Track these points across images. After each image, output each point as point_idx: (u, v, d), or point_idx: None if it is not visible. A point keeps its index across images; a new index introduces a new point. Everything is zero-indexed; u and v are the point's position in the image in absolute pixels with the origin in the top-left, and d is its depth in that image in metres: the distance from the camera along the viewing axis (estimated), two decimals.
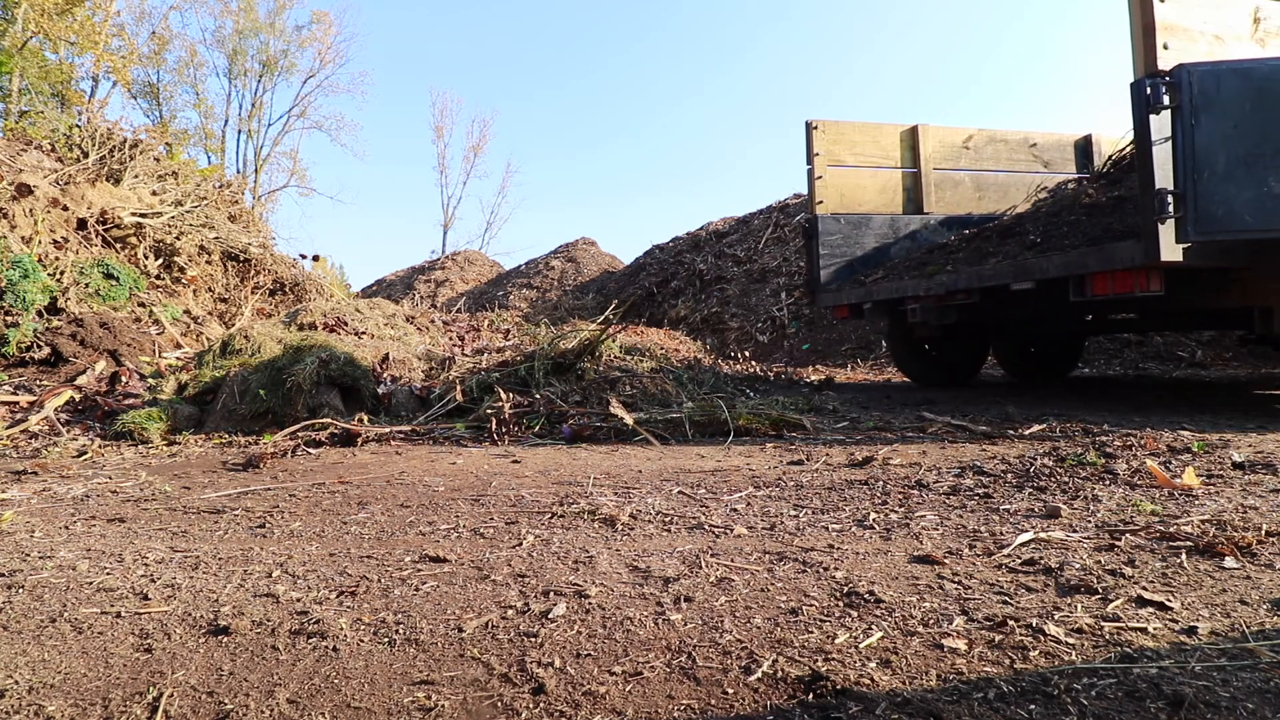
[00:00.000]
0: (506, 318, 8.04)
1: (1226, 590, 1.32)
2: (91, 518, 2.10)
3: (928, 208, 5.61)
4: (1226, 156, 2.98)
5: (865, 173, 5.53)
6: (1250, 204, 2.98)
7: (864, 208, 5.51)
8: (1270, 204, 2.98)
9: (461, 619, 1.28)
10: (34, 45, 16.08)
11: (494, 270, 18.57)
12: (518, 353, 4.87)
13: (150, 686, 1.06)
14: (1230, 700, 0.94)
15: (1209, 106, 2.99)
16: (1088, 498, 2.01)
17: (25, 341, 5.25)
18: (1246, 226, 2.99)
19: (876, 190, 5.57)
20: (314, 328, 5.66)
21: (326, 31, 29.74)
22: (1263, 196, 2.98)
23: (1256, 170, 2.98)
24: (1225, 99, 2.99)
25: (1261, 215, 2.99)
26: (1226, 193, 2.99)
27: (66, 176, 6.82)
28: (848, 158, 5.49)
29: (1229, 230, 3.01)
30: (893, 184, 5.62)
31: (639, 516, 1.97)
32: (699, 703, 0.99)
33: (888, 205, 5.58)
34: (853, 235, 5.43)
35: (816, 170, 5.36)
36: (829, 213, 5.39)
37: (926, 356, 5.96)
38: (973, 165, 5.78)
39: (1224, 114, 2.99)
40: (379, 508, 2.15)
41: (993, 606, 1.27)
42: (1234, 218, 2.99)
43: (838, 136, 5.44)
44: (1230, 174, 2.98)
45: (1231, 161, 2.98)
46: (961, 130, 5.79)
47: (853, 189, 5.50)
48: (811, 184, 5.39)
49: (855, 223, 5.45)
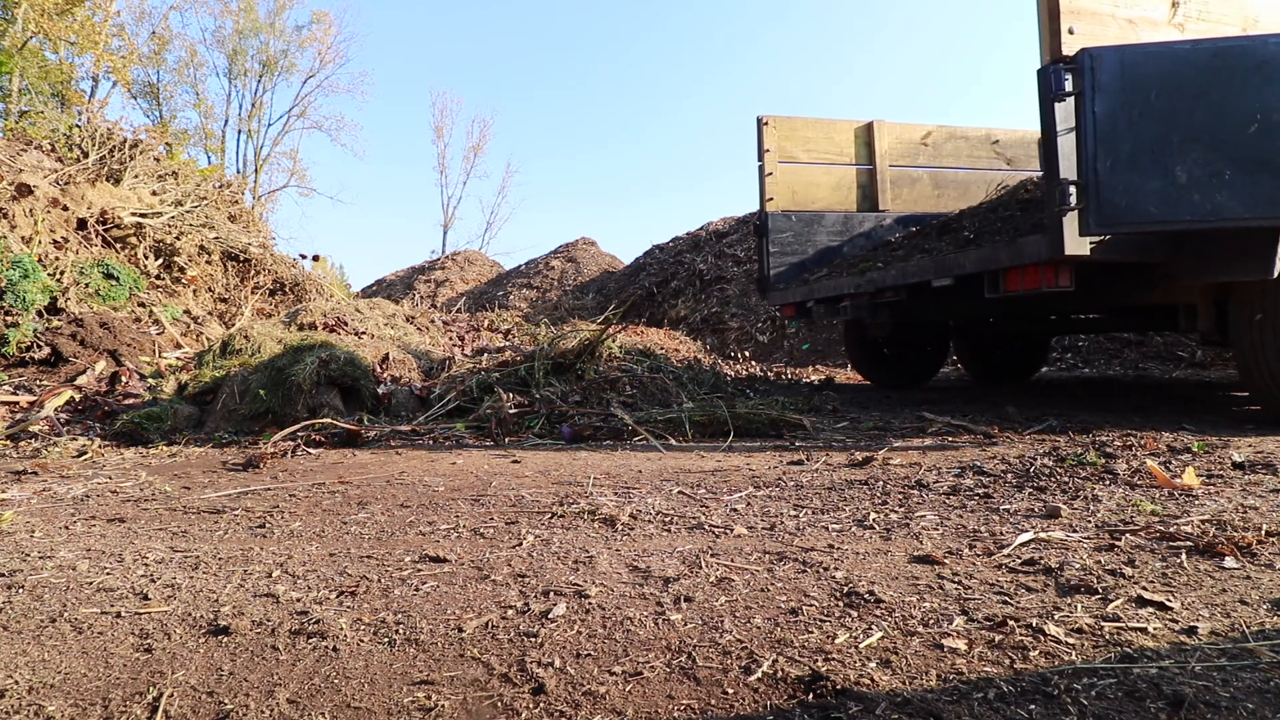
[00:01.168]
0: (506, 318, 8.04)
1: (1226, 590, 1.32)
2: (91, 518, 2.10)
3: (883, 205, 5.52)
4: (1131, 145, 2.81)
5: (819, 169, 5.45)
6: (1155, 194, 2.80)
7: (817, 205, 5.43)
8: (1176, 194, 2.79)
9: (461, 619, 1.28)
10: (34, 45, 16.09)
11: (494, 270, 18.58)
12: (518, 353, 4.87)
13: (150, 686, 1.06)
14: (1230, 700, 0.94)
15: (1112, 92, 2.82)
16: (1088, 498, 2.01)
17: (25, 341, 5.25)
18: (1151, 218, 2.82)
19: (830, 187, 5.48)
20: (314, 328, 5.66)
21: (326, 31, 29.78)
22: (1168, 186, 2.79)
23: (1162, 159, 2.80)
24: (1129, 84, 2.82)
25: (1167, 206, 2.80)
26: (1130, 183, 2.81)
27: (66, 176, 6.82)
28: (800, 154, 5.41)
29: (1133, 222, 2.86)
30: (847, 181, 5.53)
31: (639, 516, 1.97)
32: (699, 703, 0.99)
33: (842, 203, 5.50)
34: (804, 233, 5.36)
35: (767, 167, 5.27)
36: (779, 210, 5.31)
37: (881, 356, 5.89)
38: (931, 162, 5.69)
39: (1128, 100, 2.82)
40: (379, 508, 2.15)
41: (993, 606, 1.27)
42: (1138, 209, 2.81)
43: (790, 132, 5.36)
44: (1134, 163, 2.81)
45: (1136, 150, 2.81)
46: (920, 127, 5.71)
47: (805, 186, 5.42)
48: (762, 180, 5.30)
49: (807, 220, 5.37)
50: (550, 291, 15.22)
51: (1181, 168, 2.79)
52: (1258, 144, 2.74)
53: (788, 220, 5.33)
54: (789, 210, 5.34)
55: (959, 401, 4.68)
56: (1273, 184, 2.74)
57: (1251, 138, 2.75)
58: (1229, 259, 3.05)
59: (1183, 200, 2.79)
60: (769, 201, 5.30)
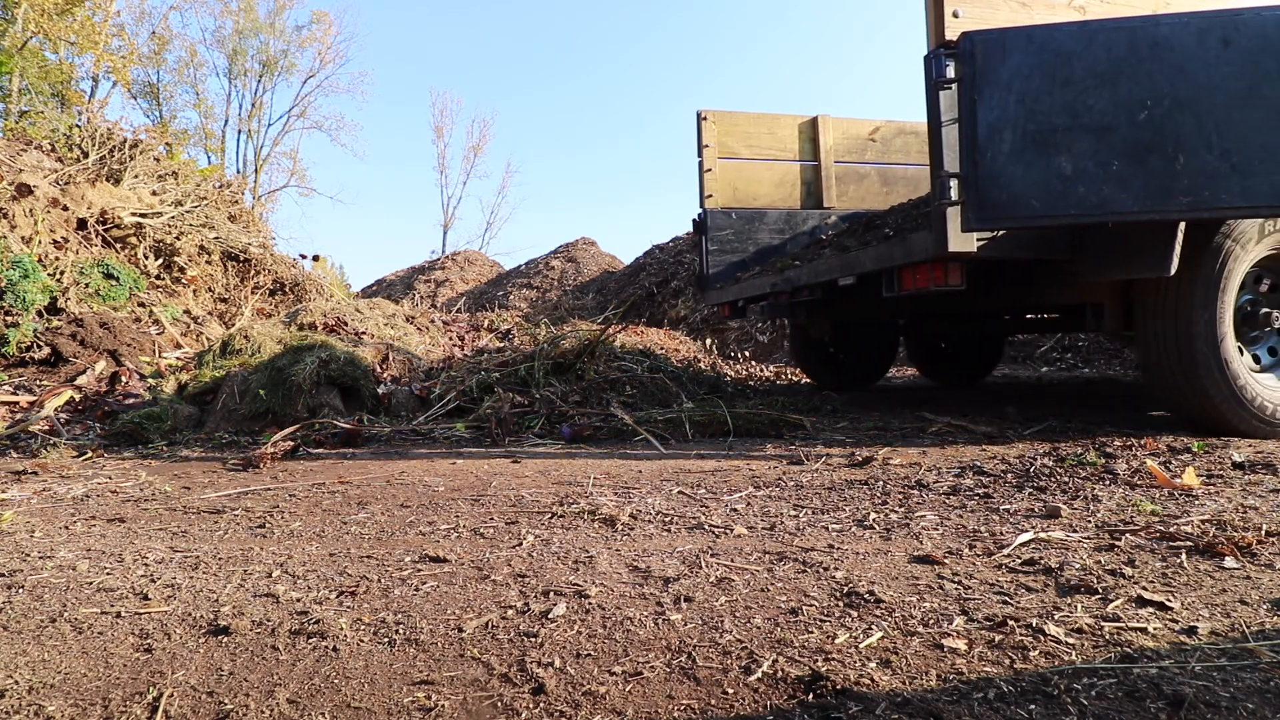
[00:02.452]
0: (506, 318, 8.03)
1: (1226, 590, 1.32)
2: (91, 518, 2.10)
3: (829, 202, 5.41)
4: (1014, 135, 2.63)
5: (761, 165, 5.33)
6: (1038, 187, 2.62)
7: (759, 202, 5.30)
8: (1061, 187, 2.61)
9: (461, 619, 1.28)
10: (34, 45, 16.08)
11: (494, 270, 18.58)
12: (518, 353, 4.87)
13: (150, 686, 1.06)
14: (1230, 700, 0.94)
15: (994, 78, 2.64)
16: (1088, 498, 2.01)
17: (25, 341, 5.25)
18: (1034, 213, 2.64)
19: (773, 184, 5.36)
20: (314, 328, 5.66)
21: (326, 31, 29.79)
22: (1053, 179, 2.61)
23: (1046, 150, 2.62)
24: (1012, 70, 2.63)
25: (1051, 200, 2.62)
26: (1013, 175, 2.63)
27: (66, 176, 6.82)
28: (742, 150, 5.29)
29: (1014, 218, 2.68)
30: (791, 178, 5.40)
31: (639, 516, 1.97)
32: (699, 703, 0.99)
33: (785, 200, 5.38)
34: (745, 231, 5.23)
35: (706, 162, 5.16)
36: (719, 207, 5.19)
37: (826, 356, 5.77)
38: (879, 158, 5.58)
39: (1010, 87, 2.63)
40: (379, 508, 2.15)
41: (993, 606, 1.27)
42: (1020, 204, 2.63)
43: (730, 128, 5.25)
44: (1017, 154, 2.63)
45: (1019, 140, 2.63)
46: (867, 122, 5.61)
47: (747, 182, 5.30)
48: (701, 177, 5.20)
49: (748, 218, 5.24)
50: (550, 291, 15.22)
51: (1067, 159, 2.61)
52: (1149, 133, 2.58)
53: (728, 218, 5.21)
54: (729, 207, 5.22)
55: (958, 401, 4.68)
56: (1164, 176, 2.58)
57: (1142, 126, 2.58)
58: (1128, 256, 2.96)
59: (1068, 194, 2.62)
60: (708, 198, 5.17)
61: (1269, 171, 2.55)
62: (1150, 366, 3.10)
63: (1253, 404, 2.89)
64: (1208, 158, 2.56)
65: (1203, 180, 2.56)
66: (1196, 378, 2.88)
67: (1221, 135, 2.55)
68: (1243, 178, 2.55)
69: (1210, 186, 2.56)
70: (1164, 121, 2.57)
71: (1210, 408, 2.91)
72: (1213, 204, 2.57)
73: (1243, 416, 2.89)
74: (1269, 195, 2.56)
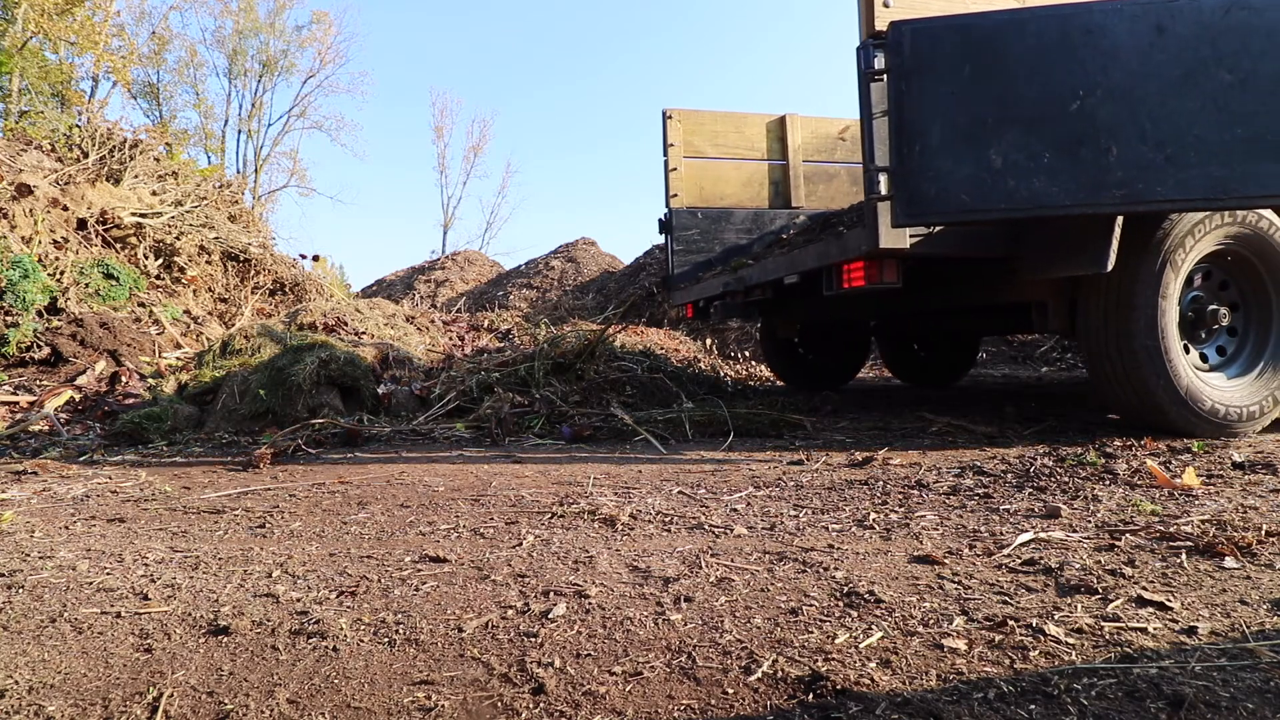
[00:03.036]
0: (506, 318, 8.03)
1: (1226, 590, 1.32)
2: (91, 518, 2.10)
3: (797, 202, 5.35)
4: (942, 127, 2.54)
5: (728, 165, 5.29)
6: (968, 182, 2.52)
7: (726, 201, 5.25)
8: (991, 181, 2.51)
9: (461, 619, 1.28)
10: (34, 45, 16.08)
11: (494, 270, 18.58)
12: (518, 353, 4.87)
13: (150, 686, 1.06)
14: (1230, 700, 0.94)
15: (923, 69, 2.55)
16: (1088, 498, 2.01)
17: (25, 341, 5.25)
18: (964, 208, 2.55)
19: (740, 183, 5.31)
20: (314, 328, 5.66)
21: (326, 31, 29.79)
22: (982, 173, 2.51)
23: (976, 142, 2.52)
24: (942, 60, 2.54)
25: (981, 194, 2.52)
26: (941, 169, 2.53)
27: (66, 176, 6.82)
28: (708, 149, 5.25)
29: (943, 212, 2.60)
30: (759, 177, 5.35)
31: (639, 516, 1.97)
32: (699, 703, 0.99)
33: (753, 199, 5.33)
34: (711, 230, 5.18)
35: (671, 162, 5.11)
36: (684, 206, 5.14)
37: (795, 356, 5.72)
38: (849, 157, 5.52)
39: (940, 78, 2.54)
40: (379, 508, 2.15)
41: (993, 606, 1.27)
42: (949, 199, 2.53)
43: (696, 127, 5.20)
44: (946, 147, 2.53)
45: (948, 133, 2.54)
46: (837, 121, 5.57)
47: (714, 182, 5.25)
48: (666, 176, 5.16)
49: (715, 217, 5.19)
50: (550, 291, 15.22)
51: (996, 151, 2.52)
52: (1080, 124, 2.49)
53: (693, 217, 5.15)
54: (695, 207, 5.17)
55: (958, 401, 4.68)
56: (1096, 168, 2.49)
57: (1073, 117, 2.49)
58: (1065, 252, 2.88)
59: (997, 188, 2.52)
60: (674, 198, 5.13)
61: (1204, 164, 2.47)
62: (1094, 367, 3.02)
63: (1197, 404, 2.81)
64: (1141, 149, 2.48)
65: (1136, 173, 2.48)
66: (1139, 378, 2.81)
67: (1156, 126, 2.47)
68: (1178, 170, 2.47)
69: (1144, 179, 2.48)
70: (1096, 112, 2.48)
71: (1154, 408, 2.83)
72: (1147, 197, 2.49)
73: (1187, 417, 2.81)
74: (1205, 188, 2.49)
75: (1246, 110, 2.46)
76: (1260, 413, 2.90)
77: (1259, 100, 2.46)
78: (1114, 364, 2.88)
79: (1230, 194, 2.49)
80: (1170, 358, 2.78)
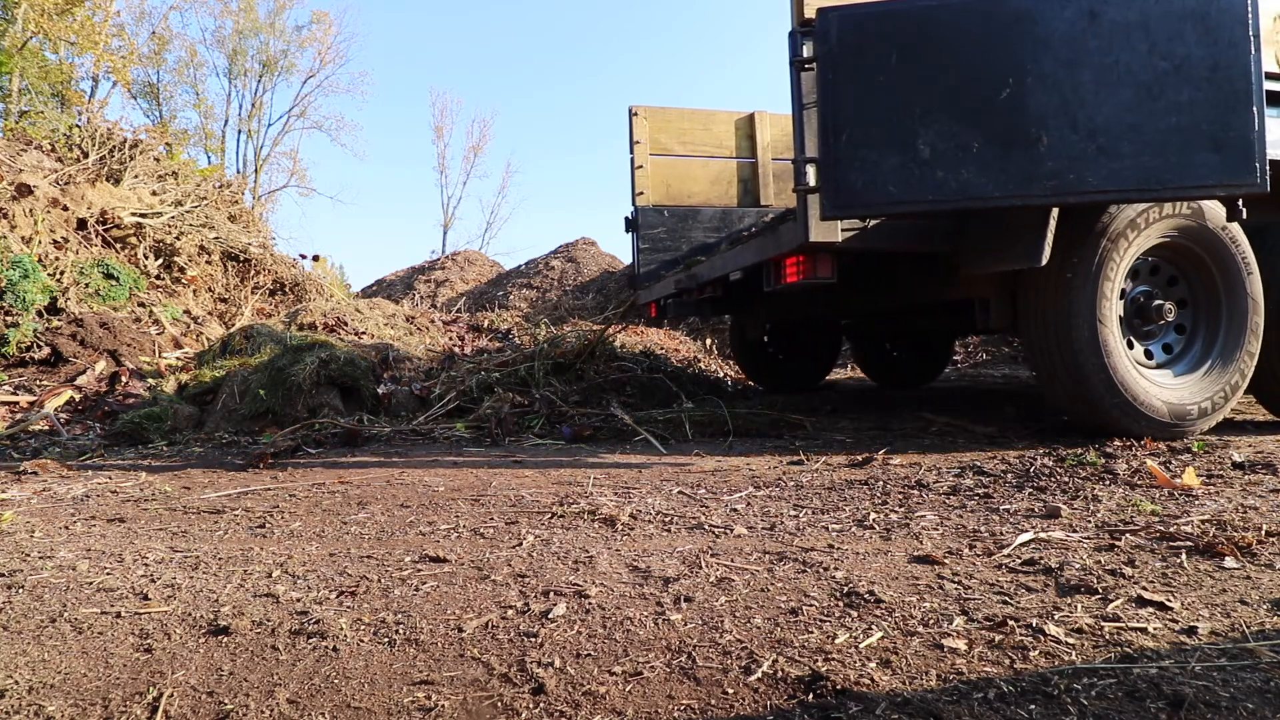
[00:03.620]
0: (506, 318, 8.03)
1: (1226, 590, 1.32)
2: (91, 518, 2.10)
3: (766, 200, 5.28)
4: (870, 116, 2.46)
5: (696, 163, 5.21)
6: (895, 173, 2.45)
7: (694, 199, 5.17)
8: (919, 172, 2.43)
9: (461, 619, 1.28)
10: (34, 45, 16.08)
11: (494, 270, 18.56)
12: (518, 353, 4.87)
13: (150, 686, 1.06)
14: (1230, 700, 0.94)
15: (850, 57, 2.47)
16: (1088, 498, 2.01)
17: (25, 341, 5.25)
18: (891, 200, 2.47)
19: (708, 181, 5.23)
20: (314, 328, 5.66)
21: (326, 31, 29.76)
22: (909, 163, 2.44)
23: (903, 131, 2.44)
24: (868, 48, 2.47)
25: (908, 186, 2.44)
26: (868, 160, 2.46)
27: (66, 176, 6.82)
28: (676, 146, 5.17)
29: (870, 205, 2.52)
30: (727, 174, 5.27)
31: (639, 516, 1.97)
32: (699, 703, 0.99)
33: (721, 197, 5.26)
34: (679, 229, 5.09)
35: (637, 159, 5.03)
36: (651, 204, 5.05)
37: (765, 356, 5.64)
38: None
39: (866, 65, 2.47)
40: (379, 508, 2.15)
41: (993, 606, 1.27)
42: (876, 190, 2.46)
43: (664, 124, 5.12)
44: (873, 137, 2.46)
45: (875, 122, 2.46)
46: None
47: (681, 179, 5.17)
48: (633, 173, 5.08)
49: (682, 215, 5.10)
50: (550, 291, 15.21)
51: (924, 141, 2.43)
52: (1011, 111, 2.41)
53: (660, 215, 5.05)
54: (662, 205, 5.09)
55: (958, 402, 4.68)
56: (1028, 157, 2.40)
57: (1004, 104, 2.41)
58: (1001, 246, 2.78)
59: (925, 179, 2.44)
60: (639, 196, 5.05)
61: (1137, 153, 2.38)
62: (1036, 365, 2.93)
63: (1140, 403, 2.73)
64: (1073, 139, 2.38)
65: (1068, 163, 2.39)
66: (1079, 376, 2.73)
67: (1088, 115, 2.38)
68: (1110, 160, 2.38)
69: (1076, 169, 2.39)
70: (1027, 100, 2.40)
71: (1095, 407, 2.77)
72: (1079, 188, 2.40)
73: (1131, 417, 2.74)
74: (1137, 179, 2.39)
75: (1182, 99, 2.38)
76: (1207, 411, 2.82)
77: (1194, 88, 2.38)
78: (1054, 362, 2.80)
79: (1165, 185, 2.41)
80: (1110, 354, 2.70)
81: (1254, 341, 2.90)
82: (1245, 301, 2.90)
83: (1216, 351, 2.90)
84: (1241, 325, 2.90)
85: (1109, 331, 2.72)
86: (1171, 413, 2.78)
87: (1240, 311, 2.90)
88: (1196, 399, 2.82)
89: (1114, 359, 2.71)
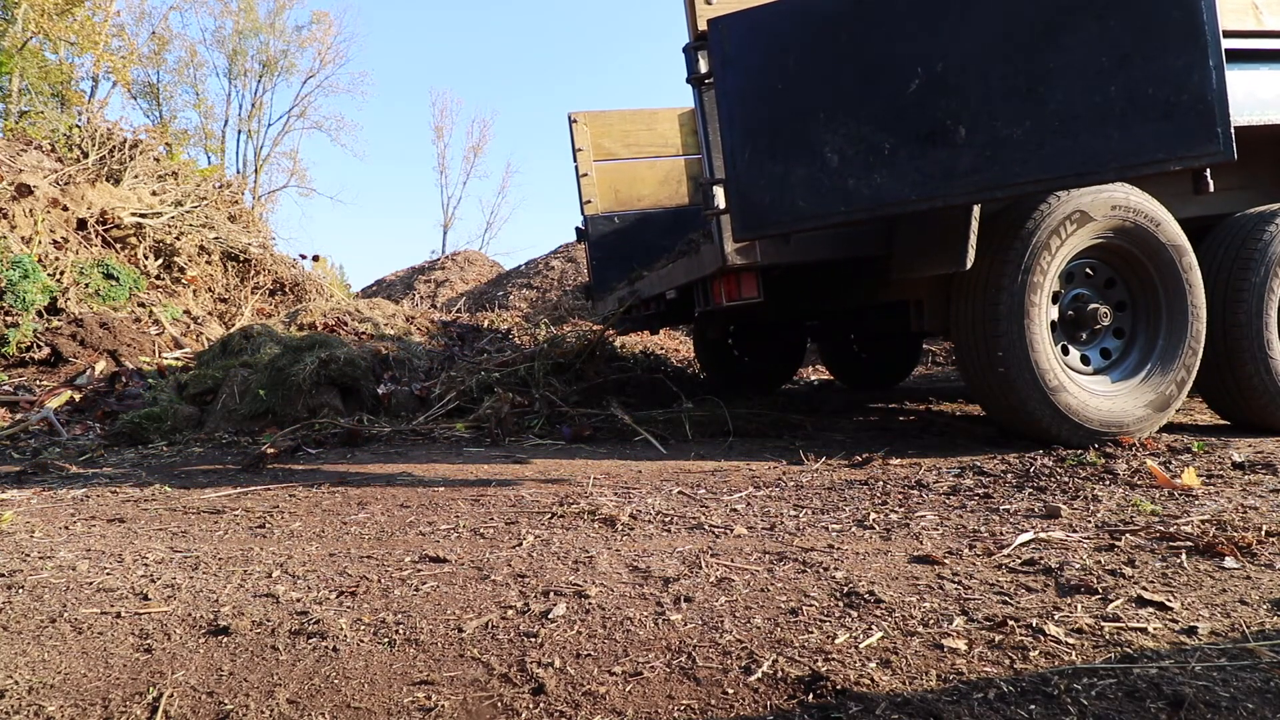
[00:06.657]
0: (506, 318, 8.03)
1: (1226, 590, 1.32)
2: (91, 518, 2.10)
3: None
4: (771, 127, 2.29)
5: (643, 165, 5.03)
6: (803, 185, 2.27)
7: (644, 203, 4.99)
8: (828, 182, 2.25)
9: (461, 619, 1.28)
10: (34, 45, 16.07)
11: (494, 270, 18.56)
12: (518, 353, 4.87)
13: (150, 686, 1.06)
14: (1230, 700, 0.94)
15: (745, 65, 2.29)
16: (1088, 498, 2.01)
17: (25, 341, 5.25)
18: (800, 214, 2.30)
19: (657, 182, 5.04)
20: (314, 328, 5.66)
21: (326, 31, 29.73)
22: (817, 173, 2.26)
23: (808, 139, 2.27)
24: (762, 53, 2.28)
25: (819, 198, 2.27)
26: (773, 174, 2.29)
27: (66, 176, 6.82)
28: (620, 150, 5.00)
29: (780, 223, 2.34)
30: (676, 173, 5.10)
31: (639, 516, 1.97)
32: (699, 703, 0.99)
33: (672, 197, 5.06)
34: (631, 234, 4.90)
35: (581, 167, 4.88)
36: (600, 212, 4.90)
37: (729, 357, 5.46)
38: None
39: (763, 72, 2.29)
40: (379, 508, 2.15)
41: (993, 606, 1.27)
42: (786, 206, 2.29)
43: (605, 128, 4.95)
44: (777, 149, 2.29)
45: (777, 132, 2.29)
46: None
47: (629, 183, 4.93)
48: (578, 182, 4.92)
49: (632, 221, 4.93)
50: (550, 291, 15.21)
51: (831, 148, 2.24)
52: (922, 105, 2.19)
53: (610, 222, 4.90)
54: (612, 211, 4.92)
55: (958, 402, 4.68)
56: (944, 153, 2.19)
57: (914, 98, 2.20)
58: (927, 249, 2.64)
59: (836, 188, 2.26)
60: (588, 204, 4.91)
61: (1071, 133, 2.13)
62: (965, 370, 2.80)
63: (1072, 411, 2.61)
64: (994, 126, 2.16)
65: (989, 155, 2.17)
66: (1008, 381, 2.59)
67: (1008, 96, 2.15)
68: (1038, 145, 2.15)
69: (1000, 161, 2.16)
70: (939, 89, 2.18)
71: (1025, 414, 2.64)
72: (1004, 180, 2.18)
73: (1063, 426, 2.62)
74: (1071, 163, 2.14)
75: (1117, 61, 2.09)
76: (1145, 418, 2.70)
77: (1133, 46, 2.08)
78: (983, 366, 2.67)
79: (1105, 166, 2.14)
80: (1038, 359, 2.57)
81: (1195, 346, 2.75)
82: (1186, 305, 2.74)
83: (1156, 356, 2.75)
84: (1182, 330, 2.73)
85: (1040, 336, 2.58)
86: (1106, 420, 2.66)
87: (1180, 315, 2.74)
88: (1133, 405, 2.70)
89: (1044, 365, 2.58)
